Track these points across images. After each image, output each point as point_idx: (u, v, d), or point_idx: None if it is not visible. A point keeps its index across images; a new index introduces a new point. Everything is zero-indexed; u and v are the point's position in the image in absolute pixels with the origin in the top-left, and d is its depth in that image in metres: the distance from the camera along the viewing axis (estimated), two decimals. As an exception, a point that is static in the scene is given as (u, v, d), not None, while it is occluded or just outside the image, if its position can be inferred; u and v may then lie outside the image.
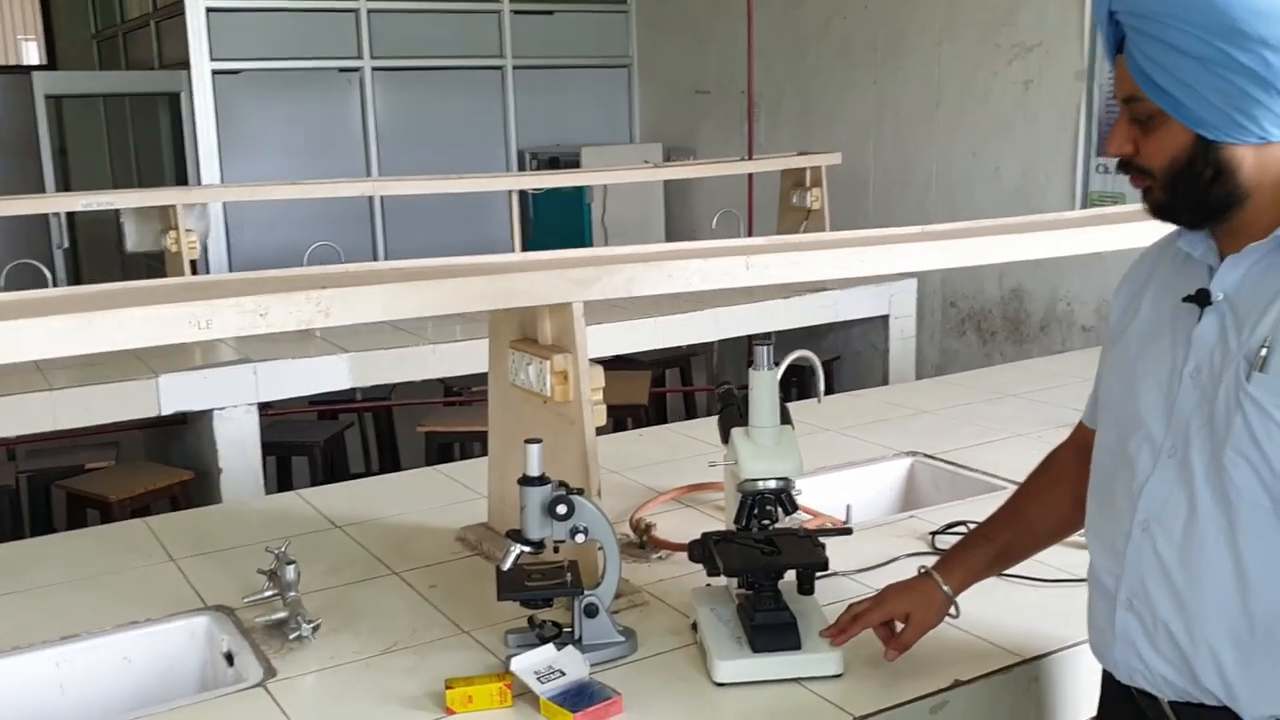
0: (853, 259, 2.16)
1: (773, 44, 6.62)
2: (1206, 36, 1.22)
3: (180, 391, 3.69)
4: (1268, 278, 1.29)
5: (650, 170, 6.01)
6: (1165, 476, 1.35)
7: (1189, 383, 1.33)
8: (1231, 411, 1.27)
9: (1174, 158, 1.29)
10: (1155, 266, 1.46)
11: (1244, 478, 1.27)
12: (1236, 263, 1.31)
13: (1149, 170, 1.32)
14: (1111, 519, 1.42)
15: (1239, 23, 1.21)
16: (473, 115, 7.51)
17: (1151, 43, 1.26)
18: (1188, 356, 1.34)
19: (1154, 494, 1.36)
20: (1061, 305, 5.42)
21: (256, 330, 1.66)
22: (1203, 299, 1.33)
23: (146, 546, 2.30)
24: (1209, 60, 1.23)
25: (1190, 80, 1.24)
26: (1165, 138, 1.29)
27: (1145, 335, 1.41)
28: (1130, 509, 1.38)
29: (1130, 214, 2.72)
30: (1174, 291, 1.39)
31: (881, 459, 2.79)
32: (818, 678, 1.66)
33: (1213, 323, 1.32)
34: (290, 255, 6.27)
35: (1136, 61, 1.28)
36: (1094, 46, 5.13)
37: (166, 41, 7.12)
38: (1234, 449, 1.27)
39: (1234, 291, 1.32)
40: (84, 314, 1.54)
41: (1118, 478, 1.42)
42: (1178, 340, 1.36)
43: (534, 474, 1.74)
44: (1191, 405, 1.33)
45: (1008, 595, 1.92)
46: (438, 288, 1.80)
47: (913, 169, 6.07)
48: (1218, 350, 1.31)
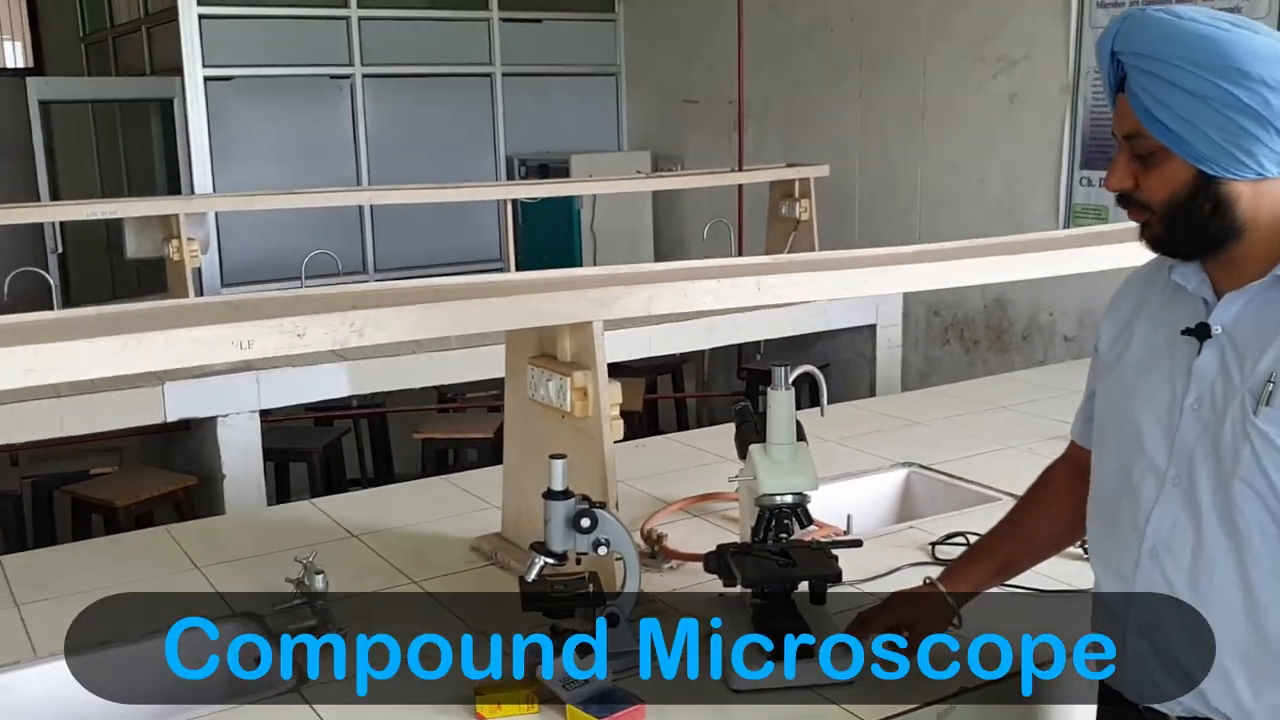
0: (855, 280, 2.25)
1: (760, 55, 6.70)
2: (1209, 76, 1.27)
3: (185, 398, 3.74)
4: (1266, 312, 1.34)
5: (642, 181, 6.10)
6: (1171, 505, 1.39)
7: (1190, 414, 1.38)
8: (1239, 444, 1.32)
9: (1174, 193, 1.33)
10: (1144, 295, 1.51)
11: (1251, 507, 1.32)
12: (1234, 298, 1.36)
13: (1148, 204, 1.36)
14: (1117, 545, 1.47)
15: (1240, 63, 1.26)
16: (462, 122, 7.57)
17: (1154, 81, 1.30)
18: (1188, 388, 1.38)
19: (1160, 522, 1.40)
20: (1044, 315, 5.53)
21: (295, 350, 1.73)
22: (1202, 332, 1.37)
23: (170, 555, 2.36)
24: (1210, 98, 1.27)
25: (1192, 117, 1.29)
26: (1166, 173, 1.33)
27: (1141, 365, 1.46)
28: (1136, 536, 1.43)
29: (1117, 233, 2.82)
30: (1168, 323, 1.43)
31: (879, 470, 2.88)
32: (831, 684, 1.75)
33: (1213, 356, 1.37)
34: (283, 262, 6.38)
35: (1139, 99, 1.32)
36: (1079, 60, 5.24)
37: (158, 47, 7.15)
38: (1242, 480, 1.32)
39: (1233, 325, 1.36)
40: (135, 334, 1.60)
41: (1122, 505, 1.46)
42: (1177, 372, 1.40)
43: (558, 488, 1.82)
44: (1194, 436, 1.37)
45: (1012, 605, 2.00)
46: (466, 308, 1.87)
47: (898, 180, 6.17)
48: (1219, 383, 1.35)
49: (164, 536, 2.49)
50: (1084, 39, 5.21)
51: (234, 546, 2.39)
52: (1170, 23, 1.30)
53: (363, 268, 7.21)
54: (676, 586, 2.14)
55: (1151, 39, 1.30)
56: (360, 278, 7.17)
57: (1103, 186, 5.15)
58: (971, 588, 1.77)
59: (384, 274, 7.27)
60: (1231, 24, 1.29)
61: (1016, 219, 5.57)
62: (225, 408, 3.85)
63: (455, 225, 7.23)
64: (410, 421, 4.91)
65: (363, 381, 4.22)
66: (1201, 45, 1.28)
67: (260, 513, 3.04)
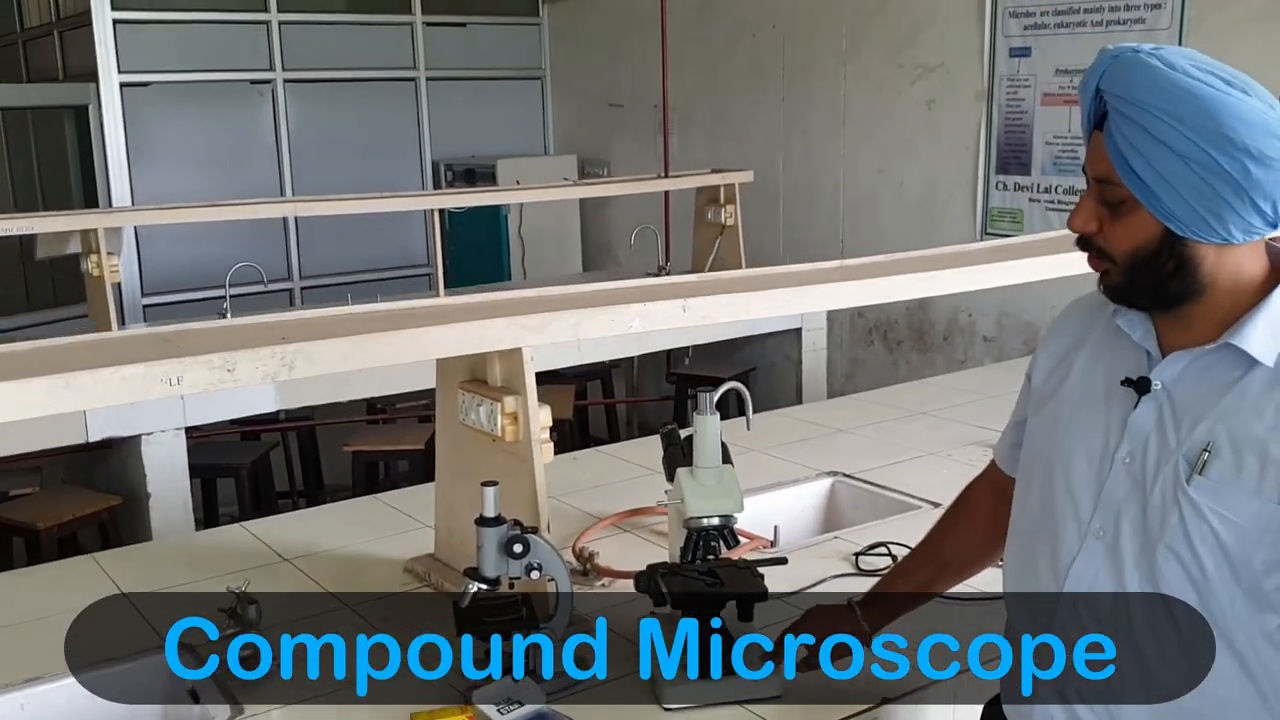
0: (780, 300, 2.30)
1: (684, 59, 6.76)
2: (1193, 136, 1.21)
3: (108, 417, 3.69)
4: (1209, 376, 1.30)
5: (569, 188, 6.12)
6: (1093, 557, 1.36)
7: (1120, 467, 1.34)
8: (1168, 509, 1.29)
9: (1139, 246, 1.28)
10: (1088, 330, 1.45)
11: (1174, 574, 1.29)
12: (1180, 356, 1.32)
13: (1109, 254, 1.31)
14: (1034, 587, 1.44)
15: (1226, 129, 1.20)
16: (386, 127, 7.52)
17: (1136, 130, 1.24)
18: (1122, 440, 1.35)
19: (1082, 573, 1.37)
20: (963, 316, 5.66)
21: (225, 385, 1.73)
22: (1142, 386, 1.34)
23: (98, 583, 2.34)
24: (1191, 159, 1.22)
25: (1169, 175, 1.23)
26: (1133, 225, 1.28)
27: (1076, 405, 1.42)
28: (1055, 584, 1.40)
29: (1030, 245, 2.91)
30: (1107, 366, 1.40)
31: (804, 479, 2.94)
32: (759, 700, 1.80)
33: (1150, 412, 1.33)
34: (206, 271, 6.29)
35: (1116, 144, 1.26)
36: (993, 68, 5.37)
37: (71, 52, 6.99)
38: (1167, 546, 1.29)
39: (1174, 384, 1.32)
40: (62, 375, 1.60)
41: (1040, 546, 1.44)
42: (1112, 420, 1.36)
43: (490, 515, 1.85)
44: (1123, 492, 1.34)
45: (932, 614, 2.06)
46: (398, 338, 1.89)
47: (821, 184, 6.27)
48: (1154, 441, 1.32)
49: (91, 565, 2.47)
50: (997, 48, 5.34)
51: (163, 574, 2.37)
52: (1161, 73, 1.24)
53: (287, 275, 7.13)
54: (609, 604, 2.18)
55: (1139, 86, 1.24)
56: (285, 285, 7.10)
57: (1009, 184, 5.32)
58: (887, 617, 1.78)
59: (310, 281, 7.20)
60: (1224, 81, 1.23)
61: (936, 221, 5.70)
62: (149, 426, 3.81)
63: (382, 232, 7.18)
64: (340, 433, 4.89)
65: (291, 395, 4.20)
66: (1189, 103, 1.21)
67: (189, 538, 3.01)
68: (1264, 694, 1.31)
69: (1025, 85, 5.25)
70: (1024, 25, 5.22)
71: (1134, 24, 4.81)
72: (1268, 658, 1.30)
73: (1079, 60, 5.00)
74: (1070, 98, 5.08)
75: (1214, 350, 1.30)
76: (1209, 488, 1.27)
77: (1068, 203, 5.09)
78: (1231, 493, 1.26)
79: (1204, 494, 1.27)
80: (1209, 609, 1.29)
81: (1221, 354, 1.30)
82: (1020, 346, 5.37)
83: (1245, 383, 1.28)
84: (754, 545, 2.45)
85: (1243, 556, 1.27)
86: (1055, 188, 5.16)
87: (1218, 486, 1.26)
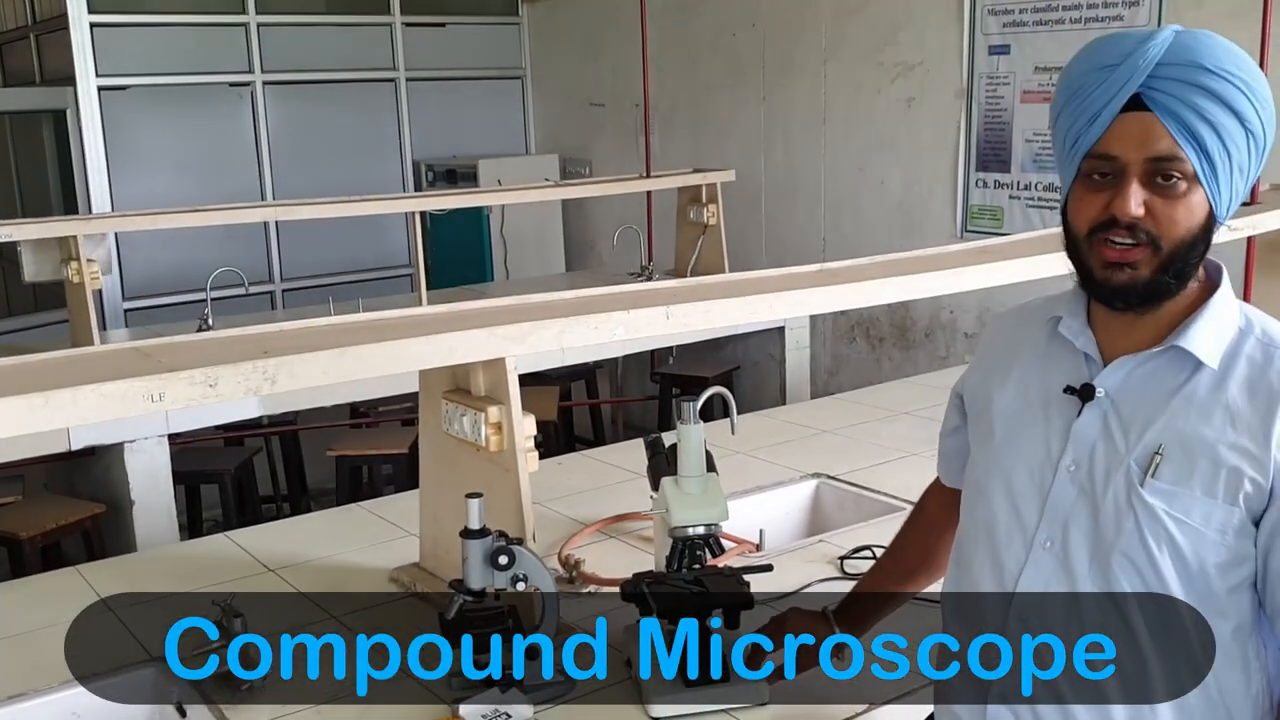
0: (762, 305, 2.31)
1: (665, 58, 6.76)
2: (1263, 112, 1.22)
3: (90, 426, 3.67)
4: (1154, 381, 1.29)
5: (551, 189, 6.11)
6: (1042, 569, 1.34)
7: (1065, 475, 1.33)
8: (1122, 515, 1.28)
9: (1191, 229, 1.24)
10: (1019, 342, 1.44)
11: (1130, 580, 1.28)
12: (1124, 362, 1.31)
13: (1157, 239, 1.24)
14: (974, 604, 1.41)
15: (1273, 109, 1.23)
16: (367, 128, 7.50)
17: (1211, 101, 1.21)
18: (1065, 449, 1.33)
19: (1031, 585, 1.34)
20: (945, 313, 5.69)
21: (207, 401, 1.73)
22: (1086, 393, 1.32)
23: (82, 596, 2.33)
24: (1255, 136, 1.23)
25: (1232, 148, 1.22)
26: (1189, 206, 1.24)
27: (1014, 416, 1.40)
28: (1002, 601, 1.36)
29: (1013, 247, 2.93)
30: (1044, 376, 1.38)
31: (789, 481, 2.95)
32: (746, 707, 1.81)
33: (1095, 419, 1.32)
34: (187, 275, 6.27)
35: (1182, 118, 1.21)
36: (972, 66, 5.39)
37: (48, 56, 6.94)
38: (1122, 553, 1.28)
39: (1119, 390, 1.31)
40: (41, 393, 1.59)
41: (982, 561, 1.40)
42: (1052, 430, 1.35)
43: (475, 527, 1.85)
44: (1070, 500, 1.32)
45: (914, 617, 2.08)
46: (380, 350, 1.89)
47: (802, 183, 6.28)
48: (1100, 448, 1.31)
49: (75, 577, 2.46)
50: (976, 45, 5.36)
51: (147, 586, 2.37)
52: (1226, 45, 1.24)
53: (269, 278, 7.11)
54: (595, 612, 2.18)
55: (1218, 54, 1.22)
56: (266, 288, 7.07)
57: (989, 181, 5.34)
58: (859, 627, 1.78)
59: (291, 284, 7.17)
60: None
61: (916, 219, 5.72)
62: (132, 433, 3.79)
63: (363, 234, 7.15)
64: (323, 437, 4.87)
65: (274, 401, 4.18)
66: (1257, 77, 1.22)
67: (173, 548, 3.00)
68: (1212, 700, 1.30)
69: (1004, 83, 5.27)
70: (1003, 23, 5.24)
71: (1112, 21, 4.84)
72: (1217, 663, 1.29)
73: (1058, 58, 5.03)
74: (1049, 95, 5.08)
75: (1159, 354, 1.30)
76: (1163, 491, 1.26)
77: (1047, 199, 5.12)
78: (1185, 495, 1.26)
79: (1159, 497, 1.27)
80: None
81: (1167, 357, 1.30)
82: (1002, 343, 5.39)
83: (1192, 385, 1.28)
84: (739, 549, 2.46)
85: (1197, 560, 1.27)
86: (1035, 185, 5.18)
87: (1172, 489, 1.26)
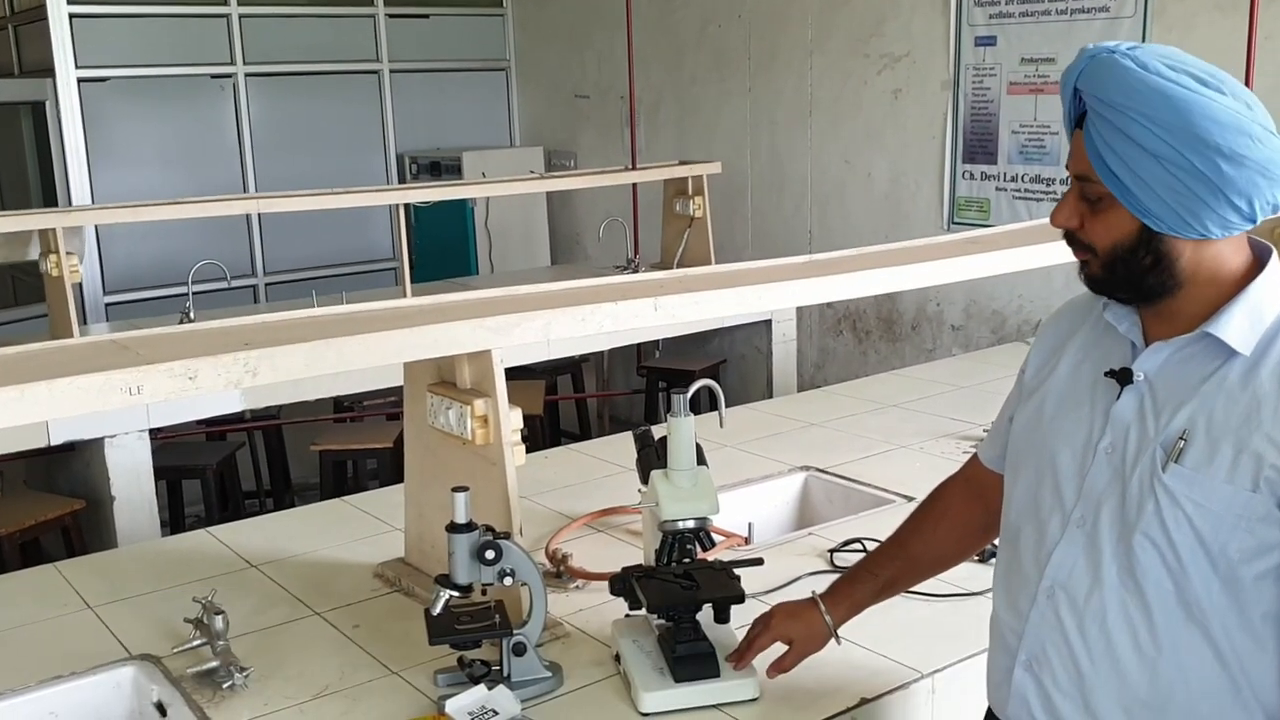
0: (751, 296, 2.28)
1: (650, 50, 6.73)
2: (1166, 137, 1.24)
3: (70, 420, 3.62)
4: (1189, 367, 1.32)
5: (536, 181, 6.07)
6: (1073, 546, 1.39)
7: (1103, 457, 1.37)
8: (1145, 497, 1.31)
9: (1117, 241, 1.31)
10: (1077, 326, 1.49)
11: (1150, 561, 1.31)
12: (1161, 347, 1.35)
13: (1091, 247, 1.34)
14: (1018, 576, 1.46)
15: (1198, 129, 1.23)
16: (350, 120, 7.43)
17: (1111, 130, 1.27)
18: (1105, 431, 1.37)
19: (1061, 562, 1.39)
20: (932, 306, 5.67)
21: (187, 394, 1.69)
22: (1124, 377, 1.36)
23: (60, 594, 2.30)
24: (1165, 159, 1.24)
25: (1144, 174, 1.26)
26: (1112, 220, 1.31)
27: (1062, 398, 1.44)
28: (1037, 572, 1.42)
29: (1000, 238, 2.91)
30: (1094, 359, 1.42)
31: (778, 475, 2.93)
32: (737, 703, 1.79)
33: (1132, 402, 1.35)
34: (169, 267, 6.20)
35: (1094, 144, 1.29)
36: (959, 57, 5.37)
37: (27, 47, 6.86)
38: (1143, 534, 1.31)
39: (1155, 375, 1.35)
40: (16, 386, 1.56)
41: (1025, 536, 1.46)
42: (1096, 412, 1.39)
43: (461, 521, 1.82)
44: (1104, 481, 1.36)
45: (906, 611, 2.06)
46: (362, 342, 1.85)
47: (788, 175, 6.26)
48: (1134, 431, 1.34)
49: (53, 575, 2.42)
50: (963, 37, 5.35)
51: (127, 583, 2.33)
52: (1135, 74, 1.26)
53: (251, 271, 7.05)
54: (583, 607, 2.16)
55: (1113, 86, 1.27)
56: (249, 281, 7.01)
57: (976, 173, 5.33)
58: (852, 609, 1.77)
59: (274, 277, 7.12)
60: (1198, 81, 1.25)
61: (904, 211, 5.71)
62: (113, 428, 3.74)
63: (347, 226, 7.10)
64: (307, 432, 4.83)
65: (257, 395, 4.13)
66: (1162, 104, 1.24)
67: (154, 545, 2.96)
68: (1236, 683, 1.32)
69: (991, 74, 5.25)
70: (989, 14, 5.23)
71: (1099, 12, 4.82)
72: (1243, 648, 1.31)
73: (1044, 49, 5.02)
74: (1036, 86, 5.08)
75: (1194, 340, 1.33)
76: (1184, 475, 1.29)
77: (1034, 191, 5.11)
78: (1205, 480, 1.28)
79: (1179, 481, 1.29)
80: (1185, 597, 1.31)
81: (1201, 344, 1.32)
82: (988, 335, 5.39)
83: (1223, 372, 1.30)
84: (729, 543, 2.43)
85: (1218, 544, 1.28)
86: (1022, 176, 5.17)
87: (1192, 474, 1.28)
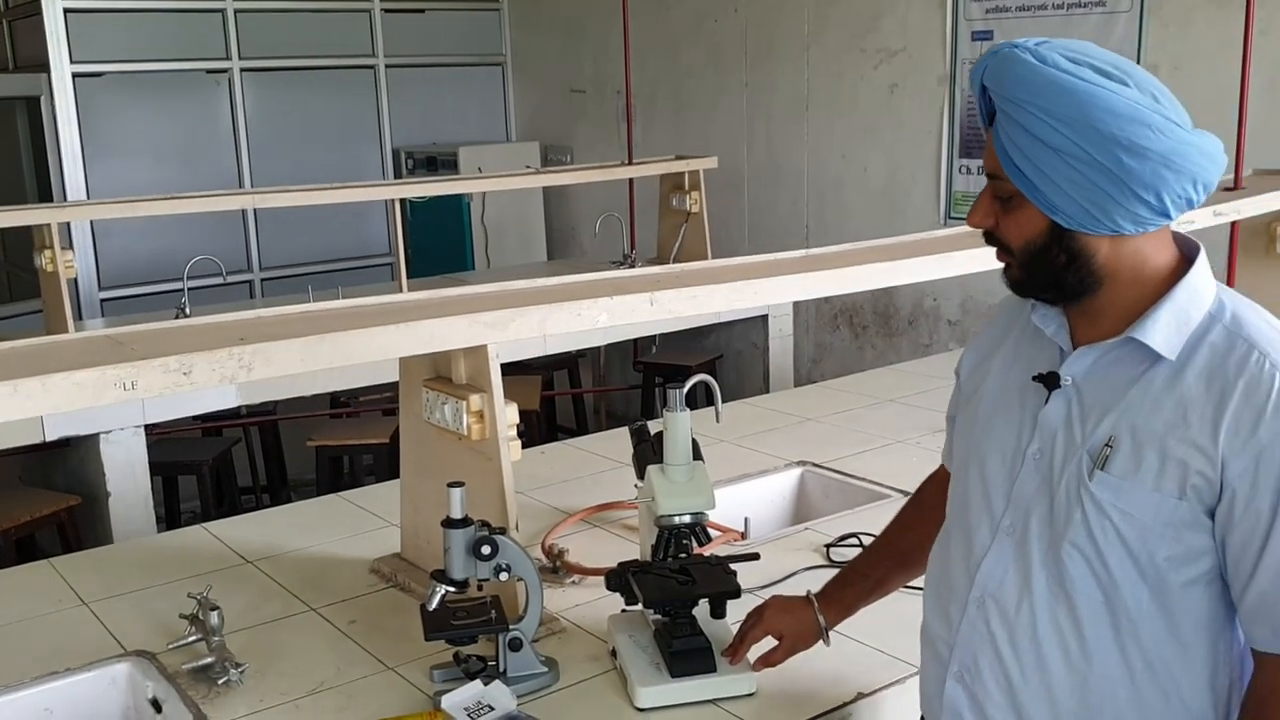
0: (747, 291, 2.28)
1: (646, 45, 6.71)
2: (1065, 131, 1.21)
3: (65, 416, 3.60)
4: (1115, 371, 1.30)
5: (532, 177, 6.06)
6: (1003, 554, 1.36)
7: (1031, 463, 1.34)
8: (1072, 505, 1.29)
9: (1029, 239, 1.29)
10: (1008, 330, 1.46)
11: (1079, 572, 1.29)
12: (1087, 351, 1.32)
13: (1009, 246, 1.32)
14: (947, 586, 1.44)
15: (1095, 121, 1.20)
16: (346, 115, 7.42)
17: (1014, 127, 1.25)
18: (1033, 436, 1.35)
19: (991, 571, 1.37)
20: (928, 301, 5.67)
21: (181, 389, 1.69)
22: (1052, 381, 1.34)
23: (55, 590, 2.29)
24: (1066, 153, 1.22)
25: (1047, 169, 1.23)
26: (1023, 219, 1.29)
27: (994, 402, 1.42)
28: (967, 581, 1.40)
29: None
30: (1024, 363, 1.40)
31: (774, 470, 2.93)
32: (733, 698, 1.78)
33: (1059, 407, 1.33)
34: (164, 263, 6.19)
35: (1000, 141, 1.27)
36: (955, 52, 5.37)
37: (21, 41, 6.84)
38: (1071, 543, 1.29)
39: (1082, 379, 1.32)
40: (11, 381, 1.55)
41: (955, 544, 1.44)
42: (1025, 417, 1.36)
43: (457, 516, 1.81)
44: (1032, 488, 1.34)
45: (903, 606, 2.06)
46: (357, 337, 1.85)
47: (785, 170, 6.25)
48: (1061, 436, 1.32)
49: (47, 570, 2.41)
50: (959, 31, 5.34)
51: (122, 579, 2.32)
52: (1032, 67, 1.24)
53: (247, 267, 7.04)
54: (579, 602, 2.16)
55: (1012, 82, 1.25)
56: (245, 277, 7.00)
57: (974, 167, 5.32)
58: (844, 611, 1.77)
59: (270, 273, 7.11)
60: (1099, 73, 1.23)
61: (900, 206, 5.70)
62: (108, 424, 3.73)
63: (342, 221, 7.09)
64: (303, 427, 4.82)
65: (253, 390, 4.12)
66: (1059, 97, 1.22)
67: (149, 540, 2.95)
68: (1166, 693, 1.30)
69: (988, 69, 5.24)
70: (985, 9, 5.22)
71: (1094, 6, 4.82)
72: (1172, 657, 1.30)
73: (1041, 44, 5.01)
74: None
75: (1119, 344, 1.30)
76: (1110, 483, 1.27)
77: (1031, 186, 5.09)
78: (1131, 488, 1.26)
79: (1105, 489, 1.27)
80: (1114, 606, 1.29)
81: (1126, 348, 1.30)
82: (985, 330, 5.38)
83: (1149, 377, 1.28)
84: (725, 538, 2.43)
85: (1146, 553, 1.27)
86: (1018, 171, 5.15)
87: (1119, 482, 1.26)
